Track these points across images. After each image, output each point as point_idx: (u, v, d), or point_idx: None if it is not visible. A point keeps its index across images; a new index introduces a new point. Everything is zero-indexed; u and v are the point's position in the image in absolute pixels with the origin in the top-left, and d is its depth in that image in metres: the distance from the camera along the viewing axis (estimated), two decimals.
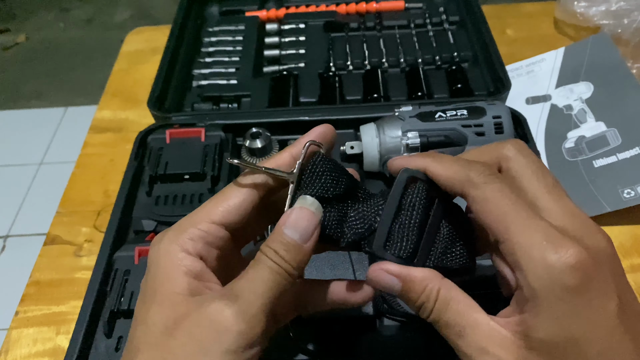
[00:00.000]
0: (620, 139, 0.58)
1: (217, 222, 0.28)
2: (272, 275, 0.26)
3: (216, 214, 0.28)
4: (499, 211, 0.25)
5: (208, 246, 0.28)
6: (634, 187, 0.54)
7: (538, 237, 0.24)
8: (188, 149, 0.53)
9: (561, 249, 0.23)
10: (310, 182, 0.29)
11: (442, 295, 0.26)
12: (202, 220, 0.28)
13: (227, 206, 0.28)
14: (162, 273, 0.27)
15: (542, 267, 0.23)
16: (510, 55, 0.70)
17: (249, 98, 0.65)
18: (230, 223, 0.29)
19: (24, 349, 0.50)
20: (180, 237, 0.27)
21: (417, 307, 0.27)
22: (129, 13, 2.29)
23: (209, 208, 0.28)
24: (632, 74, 0.63)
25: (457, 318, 0.26)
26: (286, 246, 0.26)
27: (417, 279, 0.27)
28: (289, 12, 0.76)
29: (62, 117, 1.87)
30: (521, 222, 0.25)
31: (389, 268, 0.27)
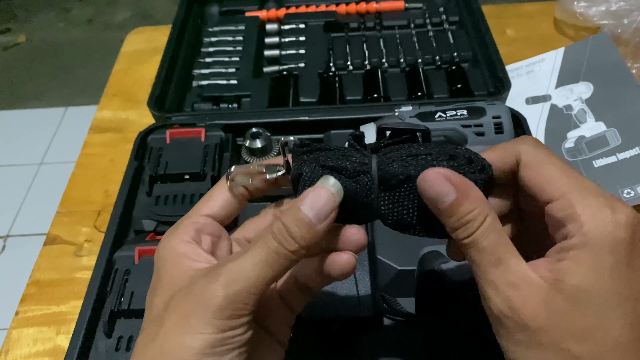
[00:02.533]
0: (620, 139, 0.58)
1: (206, 215, 0.31)
2: (271, 255, 0.26)
3: (205, 209, 0.31)
4: (553, 172, 0.26)
5: (200, 233, 0.30)
6: (633, 187, 0.54)
7: (595, 193, 0.25)
8: (188, 149, 0.53)
9: (617, 206, 0.24)
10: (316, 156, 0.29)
11: (489, 221, 0.25)
12: (193, 215, 0.31)
13: (214, 202, 0.31)
14: (165, 263, 0.29)
15: (598, 217, 0.24)
16: (510, 55, 0.70)
17: (249, 98, 0.66)
18: (219, 216, 0.31)
19: (24, 348, 0.50)
20: (174, 232, 0.30)
21: (461, 223, 0.25)
22: (129, 13, 2.30)
23: (198, 206, 0.31)
24: (632, 74, 0.63)
25: (498, 247, 0.25)
26: (298, 222, 0.26)
27: (472, 196, 0.26)
28: (289, 12, 0.76)
29: (63, 117, 1.87)
30: (576, 181, 0.26)
31: (449, 174, 0.26)
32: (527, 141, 0.28)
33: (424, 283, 0.42)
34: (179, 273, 0.28)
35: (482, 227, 0.25)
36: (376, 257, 0.47)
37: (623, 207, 0.25)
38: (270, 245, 0.26)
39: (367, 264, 0.45)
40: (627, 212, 0.24)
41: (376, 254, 0.47)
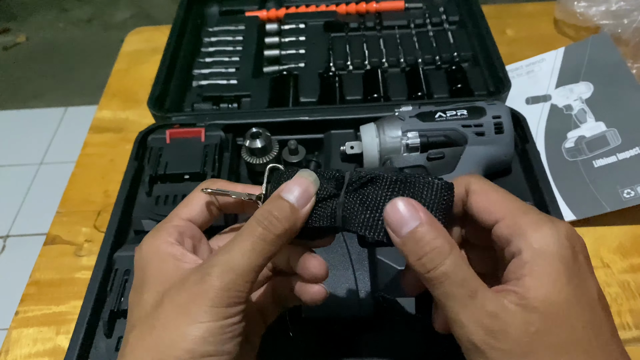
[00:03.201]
0: (620, 139, 0.58)
1: (184, 218, 0.32)
2: (258, 241, 0.27)
3: (185, 213, 0.32)
4: (497, 197, 0.29)
5: (182, 235, 0.31)
6: (633, 187, 0.54)
7: (534, 211, 0.28)
8: (188, 149, 0.53)
9: (555, 221, 0.27)
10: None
11: (457, 252, 0.26)
12: (174, 219, 0.32)
13: (192, 207, 0.32)
14: (150, 263, 0.29)
15: (543, 232, 0.26)
16: (510, 55, 0.70)
17: (249, 98, 0.65)
18: (198, 221, 0.32)
19: (24, 349, 0.50)
20: (157, 234, 0.31)
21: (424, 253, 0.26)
22: (129, 13, 2.29)
23: (177, 210, 0.32)
24: (632, 74, 0.63)
25: (471, 279, 0.26)
26: (281, 207, 0.28)
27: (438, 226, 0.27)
28: (289, 12, 0.76)
29: (62, 117, 1.87)
30: (518, 204, 0.28)
31: (413, 202, 0.27)
32: (473, 175, 0.31)
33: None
34: (168, 271, 0.28)
35: (451, 257, 0.26)
36: (376, 257, 0.47)
37: (562, 223, 0.27)
38: (255, 233, 0.27)
39: (367, 264, 0.45)
40: (565, 225, 0.27)
41: (376, 254, 0.47)
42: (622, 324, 0.48)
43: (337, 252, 0.46)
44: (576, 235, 0.27)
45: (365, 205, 0.29)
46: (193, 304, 0.26)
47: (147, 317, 0.27)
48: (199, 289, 0.26)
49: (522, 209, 0.28)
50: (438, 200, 0.28)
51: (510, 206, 0.28)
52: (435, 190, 0.28)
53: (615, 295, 0.50)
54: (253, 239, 0.27)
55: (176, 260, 0.29)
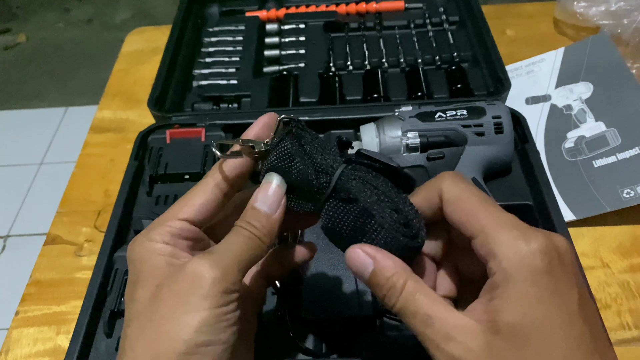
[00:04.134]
0: (619, 139, 0.58)
1: (183, 219, 0.31)
2: (245, 239, 0.29)
3: (182, 213, 0.31)
4: (470, 207, 0.28)
5: (176, 238, 0.30)
6: (633, 187, 0.54)
7: (509, 227, 0.26)
8: (188, 149, 0.53)
9: (531, 236, 0.26)
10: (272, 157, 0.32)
11: (410, 285, 0.27)
12: (169, 219, 0.31)
13: (191, 206, 0.31)
14: (140, 261, 0.29)
15: (514, 251, 0.25)
16: (510, 55, 0.70)
17: (249, 98, 0.66)
18: (197, 220, 0.31)
19: (24, 348, 0.50)
20: (149, 234, 0.30)
21: (382, 293, 0.28)
22: (129, 13, 2.30)
23: (175, 209, 0.31)
24: (631, 74, 0.63)
25: (424, 308, 0.26)
26: (257, 217, 0.30)
27: (389, 266, 0.28)
28: (289, 12, 0.76)
29: (63, 117, 1.87)
30: (492, 216, 0.27)
31: (367, 249, 0.28)
32: (446, 177, 0.29)
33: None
34: (162, 267, 0.29)
35: (404, 293, 0.27)
36: None
37: (537, 236, 0.26)
38: (244, 233, 0.29)
39: None
40: (540, 240, 0.25)
41: None
42: (622, 324, 0.48)
43: (337, 252, 0.46)
44: (552, 246, 0.26)
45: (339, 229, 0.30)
46: (190, 291, 0.27)
47: (144, 310, 0.27)
48: (195, 276, 0.27)
49: (496, 223, 0.27)
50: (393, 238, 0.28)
51: (483, 220, 0.27)
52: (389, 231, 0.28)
53: (615, 295, 0.50)
54: (243, 237, 0.29)
55: (170, 257, 0.29)
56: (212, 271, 0.27)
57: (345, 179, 0.30)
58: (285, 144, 0.31)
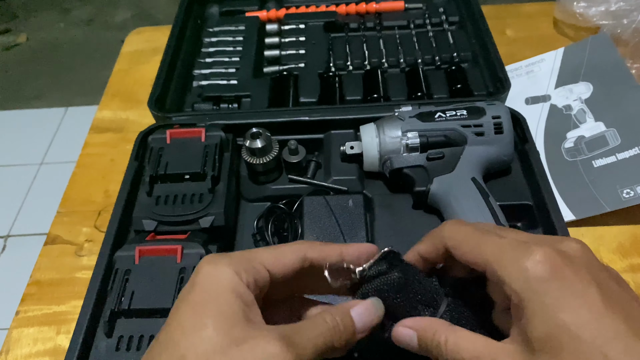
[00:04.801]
0: (619, 139, 0.58)
1: (267, 267, 0.30)
2: (328, 331, 0.29)
3: (269, 260, 0.30)
4: (471, 247, 0.30)
5: (255, 284, 0.29)
6: (633, 187, 0.54)
7: (509, 249, 0.28)
8: (188, 149, 0.53)
9: (527, 251, 0.27)
10: (378, 283, 0.33)
11: (452, 340, 0.29)
12: (256, 260, 0.30)
13: (281, 259, 0.30)
14: (218, 290, 0.27)
15: (516, 271, 0.27)
16: (509, 55, 0.70)
17: (249, 98, 0.66)
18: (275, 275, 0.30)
19: (24, 348, 0.51)
20: (236, 265, 0.29)
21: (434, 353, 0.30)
22: (129, 13, 2.30)
23: (264, 254, 0.30)
24: (631, 74, 0.63)
25: (470, 351, 0.28)
26: (346, 324, 0.30)
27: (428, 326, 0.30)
28: (289, 13, 0.76)
29: (63, 117, 1.87)
30: (492, 246, 0.29)
31: (404, 322, 0.32)
32: (446, 227, 0.32)
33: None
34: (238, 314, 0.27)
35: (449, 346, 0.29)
36: None
37: (534, 248, 0.27)
38: (328, 326, 0.29)
39: None
40: (538, 251, 0.27)
41: None
42: None
43: None
44: (554, 252, 0.26)
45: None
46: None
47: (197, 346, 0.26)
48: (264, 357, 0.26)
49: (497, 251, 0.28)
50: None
51: (485, 254, 0.29)
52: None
53: None
54: (323, 330, 0.29)
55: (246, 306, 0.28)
56: (286, 355, 0.26)
57: (449, 313, 0.33)
58: (393, 276, 0.33)
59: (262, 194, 0.55)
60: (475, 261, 0.29)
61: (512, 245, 0.28)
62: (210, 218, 0.48)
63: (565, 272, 0.26)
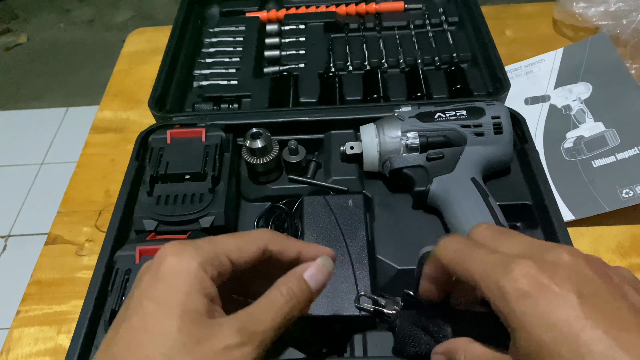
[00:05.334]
0: (618, 139, 0.58)
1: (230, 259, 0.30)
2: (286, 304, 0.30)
3: (233, 252, 0.30)
4: (461, 262, 0.30)
5: (219, 276, 0.29)
6: (632, 187, 0.55)
7: (492, 265, 0.28)
8: (189, 149, 0.53)
9: (506, 269, 0.27)
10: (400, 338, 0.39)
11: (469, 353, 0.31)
12: (221, 251, 0.30)
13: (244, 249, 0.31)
14: (185, 288, 0.27)
15: (497, 290, 0.27)
16: (509, 55, 0.70)
17: (250, 98, 0.66)
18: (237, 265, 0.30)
19: (25, 348, 0.51)
20: (202, 257, 0.28)
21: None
22: (129, 14, 2.30)
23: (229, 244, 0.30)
24: (630, 74, 0.63)
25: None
26: (302, 289, 0.31)
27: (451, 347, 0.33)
28: (289, 13, 0.76)
29: (63, 117, 1.87)
30: (478, 264, 0.29)
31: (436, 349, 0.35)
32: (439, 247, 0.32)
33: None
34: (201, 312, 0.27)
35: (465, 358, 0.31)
36: (376, 256, 0.47)
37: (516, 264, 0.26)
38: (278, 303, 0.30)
39: (366, 264, 0.45)
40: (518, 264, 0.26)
41: (376, 253, 0.47)
42: None
43: (337, 252, 0.46)
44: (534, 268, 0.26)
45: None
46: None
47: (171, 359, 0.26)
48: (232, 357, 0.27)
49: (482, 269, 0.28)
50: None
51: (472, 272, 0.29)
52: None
53: None
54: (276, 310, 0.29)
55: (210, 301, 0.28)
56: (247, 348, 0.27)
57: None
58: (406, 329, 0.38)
59: (262, 194, 0.55)
60: (466, 279, 0.29)
61: (495, 262, 0.28)
62: (210, 218, 0.48)
63: (544, 287, 0.25)
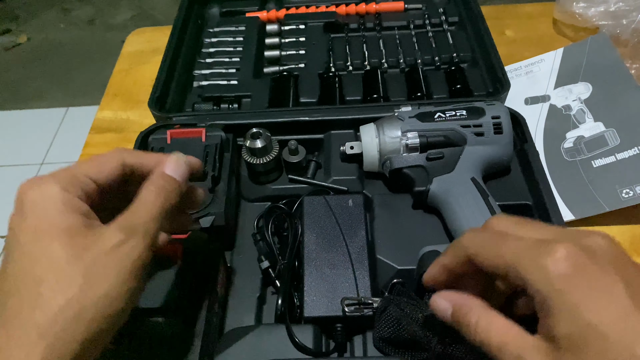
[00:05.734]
0: (618, 139, 0.58)
1: (91, 178, 0.31)
2: (158, 197, 0.32)
3: (92, 171, 0.31)
4: (492, 252, 0.29)
5: (86, 195, 0.31)
6: (632, 187, 0.55)
7: (529, 248, 0.27)
8: (189, 149, 0.53)
9: (547, 249, 0.26)
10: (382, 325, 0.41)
11: (482, 319, 0.30)
12: (80, 172, 0.31)
13: (102, 167, 0.32)
14: (53, 211, 0.28)
15: (538, 270, 0.26)
16: (509, 55, 0.70)
17: (250, 98, 0.66)
18: (101, 183, 0.32)
19: None
20: (61, 181, 0.30)
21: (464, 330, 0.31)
22: (130, 14, 2.30)
23: (85, 166, 0.32)
24: (630, 74, 0.63)
25: (498, 336, 0.29)
26: (168, 181, 0.33)
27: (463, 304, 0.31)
28: (289, 13, 0.76)
29: (64, 117, 1.87)
30: (512, 249, 0.28)
31: (442, 293, 0.33)
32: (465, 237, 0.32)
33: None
34: (79, 225, 0.28)
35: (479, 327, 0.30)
36: (376, 256, 0.47)
37: (556, 246, 0.26)
38: (159, 200, 0.32)
39: (366, 264, 0.45)
40: (560, 248, 0.26)
41: (376, 253, 0.47)
42: None
43: (337, 252, 0.46)
44: (577, 249, 0.26)
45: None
46: (114, 268, 0.28)
47: (65, 273, 0.27)
48: (119, 254, 0.29)
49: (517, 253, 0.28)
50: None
51: (506, 257, 0.28)
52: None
53: None
54: (151, 205, 0.32)
55: (83, 216, 0.29)
56: (137, 250, 0.29)
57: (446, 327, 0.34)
58: (389, 313, 0.40)
59: (262, 194, 0.55)
60: (496, 266, 0.29)
61: (531, 245, 0.28)
62: (210, 218, 0.48)
63: (589, 269, 0.25)
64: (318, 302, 0.43)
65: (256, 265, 0.49)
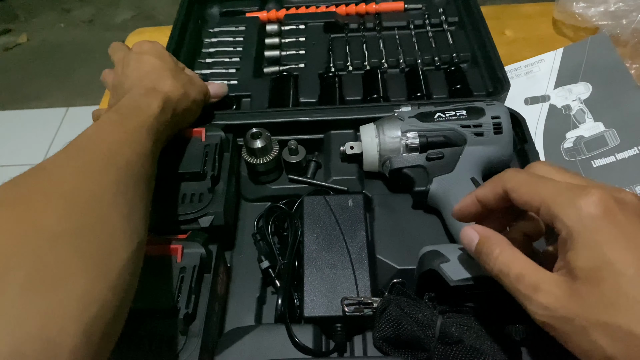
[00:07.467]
0: (618, 139, 0.58)
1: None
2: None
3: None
4: (529, 188, 0.32)
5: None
6: (632, 187, 0.55)
7: (565, 190, 0.30)
8: (188, 149, 0.53)
9: (584, 192, 0.29)
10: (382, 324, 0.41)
11: (505, 251, 0.32)
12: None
13: None
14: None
15: (571, 207, 0.29)
16: (509, 55, 0.70)
17: (249, 98, 0.66)
18: None
19: None
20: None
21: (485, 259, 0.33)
22: (130, 14, 2.30)
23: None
24: (630, 74, 0.63)
25: (517, 267, 0.31)
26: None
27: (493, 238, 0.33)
28: (289, 13, 0.76)
29: (63, 117, 1.87)
30: (549, 187, 0.31)
31: (474, 225, 0.35)
32: (507, 172, 0.34)
33: (423, 282, 0.42)
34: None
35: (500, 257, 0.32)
36: (376, 256, 0.47)
37: (590, 190, 0.29)
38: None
39: (366, 264, 0.45)
40: (594, 192, 0.29)
41: (376, 253, 0.47)
42: None
43: (337, 252, 0.46)
44: (609, 196, 0.28)
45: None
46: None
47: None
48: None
49: (553, 191, 0.30)
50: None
51: (542, 193, 0.31)
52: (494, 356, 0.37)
53: None
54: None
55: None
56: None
57: (446, 327, 0.37)
58: (389, 312, 0.40)
59: (262, 194, 0.55)
60: (532, 201, 0.31)
61: (569, 186, 0.30)
62: (209, 217, 0.48)
63: (617, 216, 0.28)
64: (318, 302, 0.43)
65: (256, 265, 0.49)
